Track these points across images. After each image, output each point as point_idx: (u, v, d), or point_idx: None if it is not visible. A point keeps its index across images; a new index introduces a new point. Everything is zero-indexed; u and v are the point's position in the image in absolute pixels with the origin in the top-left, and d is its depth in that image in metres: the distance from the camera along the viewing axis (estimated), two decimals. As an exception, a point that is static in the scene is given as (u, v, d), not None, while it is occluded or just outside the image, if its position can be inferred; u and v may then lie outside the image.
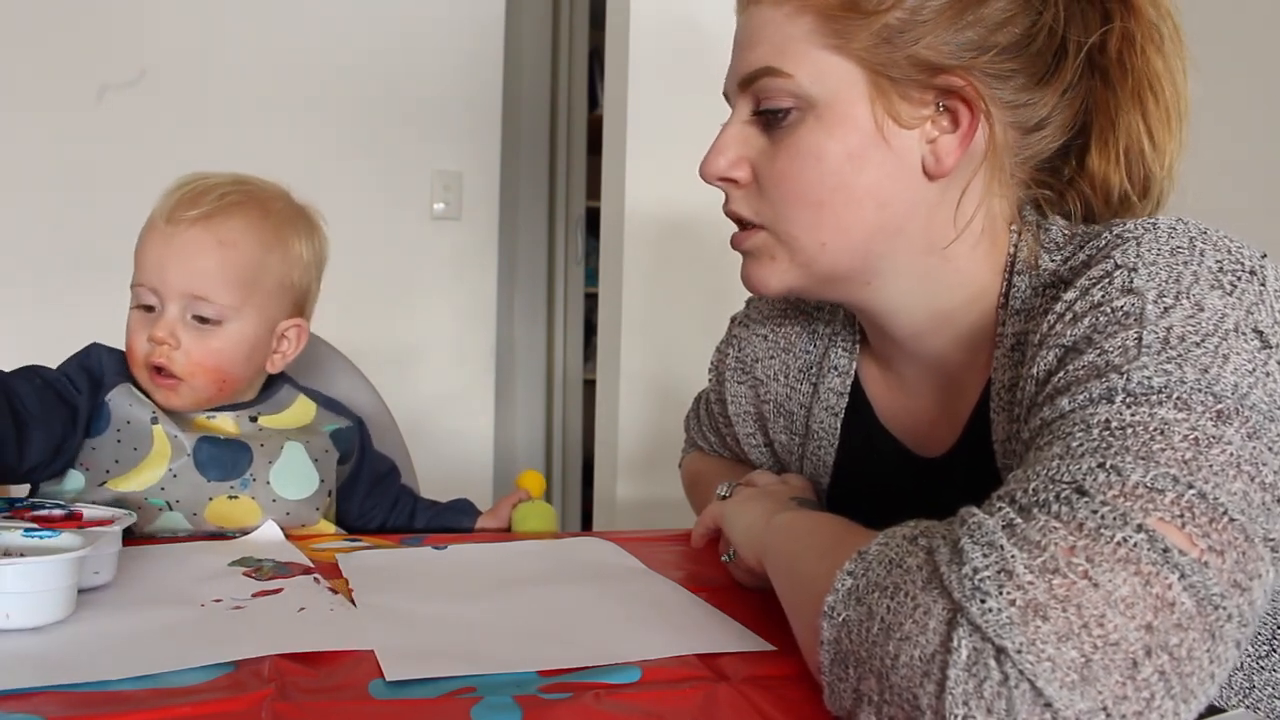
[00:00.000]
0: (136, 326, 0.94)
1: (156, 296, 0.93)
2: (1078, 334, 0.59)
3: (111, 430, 0.93)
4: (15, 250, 2.13)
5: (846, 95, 0.69)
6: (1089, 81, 0.72)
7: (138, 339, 0.93)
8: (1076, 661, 0.44)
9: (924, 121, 0.69)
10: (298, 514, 0.97)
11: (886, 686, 0.49)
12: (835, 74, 0.69)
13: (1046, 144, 0.72)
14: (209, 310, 0.93)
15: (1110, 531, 0.46)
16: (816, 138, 0.69)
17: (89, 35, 2.17)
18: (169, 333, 0.92)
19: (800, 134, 0.70)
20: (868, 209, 0.70)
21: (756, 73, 0.71)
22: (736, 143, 0.73)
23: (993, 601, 0.45)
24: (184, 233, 0.92)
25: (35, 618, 0.64)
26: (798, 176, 0.70)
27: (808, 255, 0.72)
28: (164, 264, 0.92)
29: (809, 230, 0.71)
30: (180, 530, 0.94)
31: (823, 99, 0.69)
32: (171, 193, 0.95)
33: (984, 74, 0.68)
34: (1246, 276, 0.57)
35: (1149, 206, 0.74)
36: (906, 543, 0.53)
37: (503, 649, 0.64)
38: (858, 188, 0.69)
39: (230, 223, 0.94)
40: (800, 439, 0.89)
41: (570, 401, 2.83)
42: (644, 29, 1.81)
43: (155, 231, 0.94)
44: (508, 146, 2.57)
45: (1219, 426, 0.51)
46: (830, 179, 0.69)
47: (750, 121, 0.73)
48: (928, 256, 0.72)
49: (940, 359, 0.77)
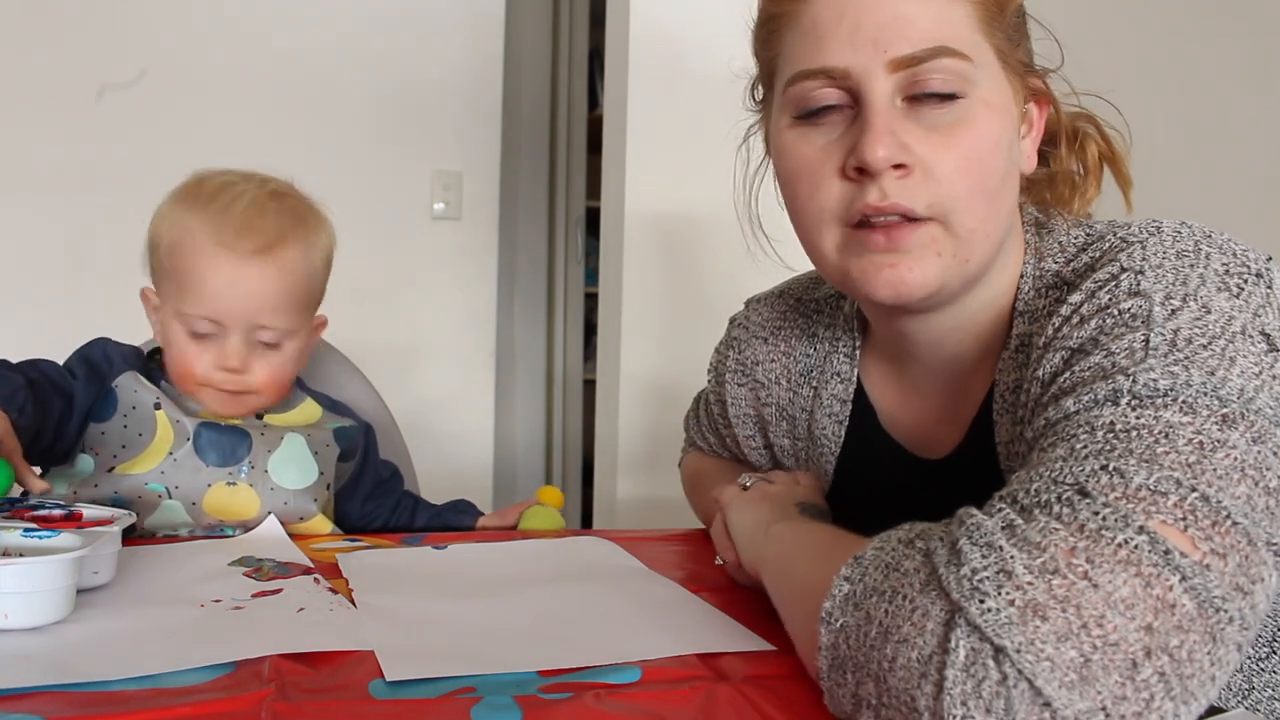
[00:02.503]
0: (193, 351, 0.93)
1: (216, 325, 0.93)
2: (1084, 336, 0.59)
3: (119, 416, 0.93)
4: (15, 250, 2.13)
5: (1002, 85, 0.68)
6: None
7: (199, 363, 0.93)
8: (1075, 661, 0.43)
9: (1023, 118, 0.72)
10: (296, 504, 0.98)
11: (884, 689, 0.49)
12: (989, 61, 0.68)
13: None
14: (270, 335, 0.95)
15: (1111, 533, 0.46)
16: (991, 125, 0.67)
17: (89, 35, 2.17)
18: (241, 361, 0.93)
19: (976, 120, 0.66)
20: (1014, 200, 0.71)
21: (930, 51, 0.65)
22: (896, 126, 0.66)
23: (991, 601, 0.45)
24: (247, 265, 0.92)
25: (34, 618, 0.64)
26: (982, 164, 0.66)
27: (975, 248, 0.67)
28: (229, 296, 0.92)
29: (984, 221, 0.67)
30: (179, 523, 0.94)
31: (987, 84, 0.67)
32: (219, 211, 0.92)
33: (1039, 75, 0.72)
34: (1252, 279, 0.57)
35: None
36: (903, 546, 0.53)
37: (503, 649, 0.64)
38: (1013, 177, 0.70)
39: (288, 252, 0.94)
40: (803, 443, 0.89)
41: (570, 401, 2.82)
42: (644, 29, 1.81)
43: (210, 258, 0.91)
44: (508, 146, 2.57)
45: (1224, 430, 0.51)
46: (1002, 167, 0.67)
47: (898, 104, 0.66)
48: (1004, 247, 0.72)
49: (951, 362, 0.76)
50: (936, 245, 0.67)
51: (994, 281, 0.73)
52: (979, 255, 0.68)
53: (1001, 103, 0.68)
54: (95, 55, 2.18)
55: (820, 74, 0.67)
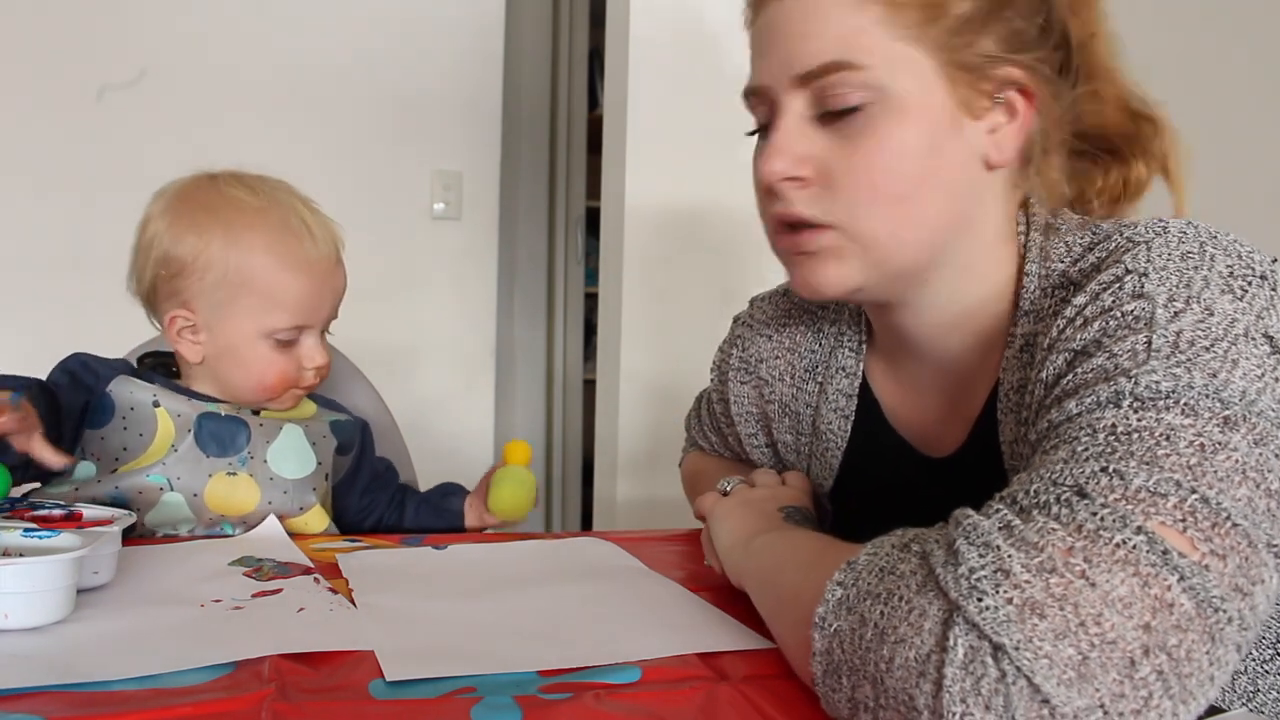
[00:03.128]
0: (280, 359, 0.97)
1: (300, 331, 0.98)
2: (1087, 338, 0.59)
3: (117, 419, 0.94)
4: (15, 250, 2.13)
5: (923, 85, 0.68)
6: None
7: (293, 368, 0.98)
8: (1074, 659, 0.44)
9: (987, 112, 0.70)
10: (295, 494, 0.98)
11: (882, 691, 0.49)
12: (913, 64, 0.67)
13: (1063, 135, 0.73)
14: (330, 325, 1.02)
15: (1109, 533, 0.46)
16: (896, 130, 0.67)
17: (89, 35, 2.17)
18: (327, 357, 1.00)
19: (878, 127, 0.67)
20: (943, 201, 0.70)
21: (824, 67, 0.67)
22: (797, 139, 0.70)
23: (989, 600, 0.45)
24: (332, 275, 0.99)
25: (34, 618, 0.64)
26: (881, 171, 0.68)
27: (884, 252, 0.70)
28: (320, 304, 0.98)
29: (888, 225, 0.69)
30: (180, 519, 0.94)
31: (898, 90, 0.67)
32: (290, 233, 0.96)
33: (1032, 65, 0.70)
34: (1257, 281, 0.57)
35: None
36: (897, 550, 0.53)
37: (502, 649, 0.64)
38: (938, 180, 0.69)
39: (341, 253, 1.01)
40: (807, 439, 0.89)
41: (570, 401, 2.82)
42: (644, 29, 1.81)
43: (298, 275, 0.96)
44: (508, 146, 2.57)
45: (1225, 433, 0.51)
46: (913, 172, 0.68)
47: (809, 117, 0.70)
48: (979, 247, 0.73)
49: (951, 358, 0.76)
50: (838, 250, 0.70)
51: (985, 279, 0.73)
52: (897, 259, 0.70)
53: (923, 105, 0.68)
54: (95, 55, 2.18)
55: (752, 93, 0.73)
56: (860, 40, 0.67)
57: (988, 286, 0.73)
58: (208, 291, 0.94)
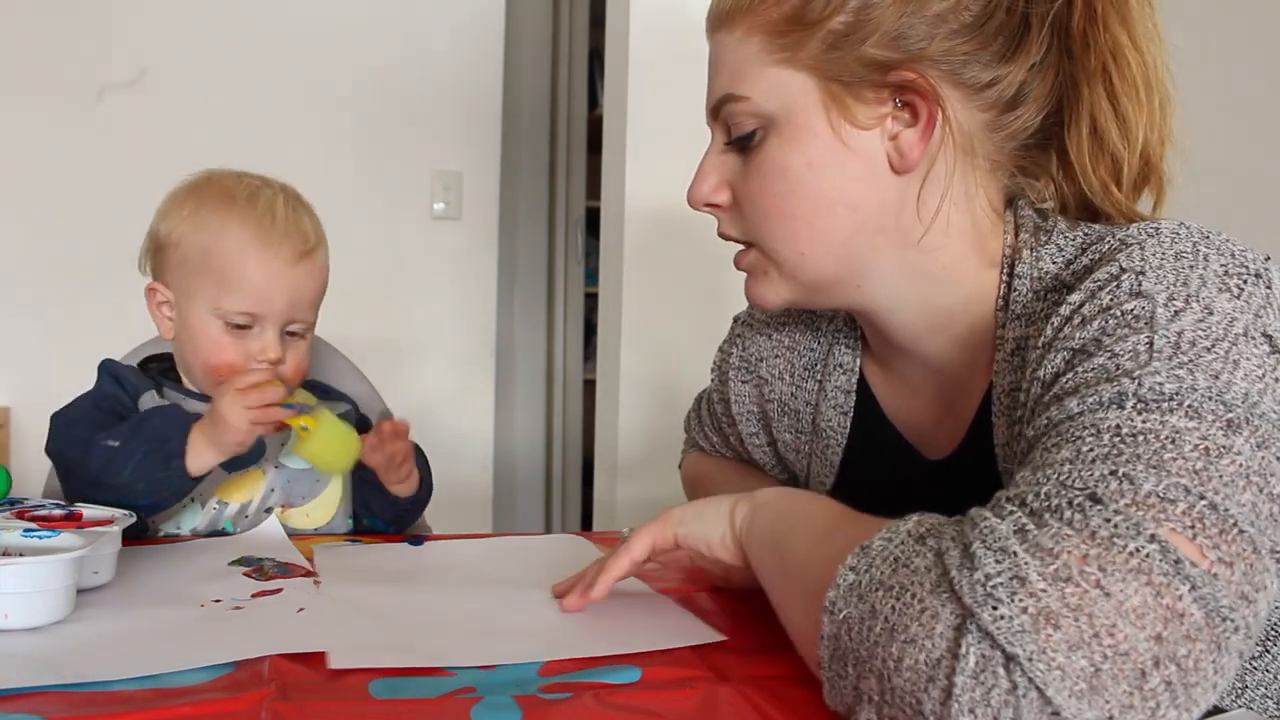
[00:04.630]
0: (232, 344, 0.96)
1: (254, 319, 0.96)
2: (1086, 337, 0.58)
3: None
4: (15, 249, 2.13)
5: (801, 106, 0.70)
6: (1059, 55, 0.70)
7: (240, 358, 0.96)
8: (1086, 671, 0.44)
9: (883, 119, 0.69)
10: (299, 484, 1.00)
11: (888, 688, 0.49)
12: (788, 87, 0.70)
13: (1026, 121, 0.71)
14: (298, 327, 0.99)
15: (1123, 541, 0.46)
16: (780, 152, 0.71)
17: (89, 35, 2.17)
18: (278, 353, 0.96)
19: (766, 151, 0.71)
20: (839, 213, 0.71)
21: (720, 101, 0.73)
22: (715, 168, 0.76)
23: (1005, 609, 0.45)
24: (294, 267, 0.97)
25: (34, 618, 0.64)
26: (767, 192, 0.72)
27: (792, 266, 0.74)
28: (275, 294, 0.96)
29: (786, 242, 0.73)
30: (185, 519, 0.95)
31: (780, 114, 0.70)
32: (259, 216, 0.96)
33: (940, 62, 0.68)
34: (1252, 280, 0.57)
35: (1136, 197, 0.72)
36: (913, 541, 0.52)
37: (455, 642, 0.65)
38: (823, 194, 0.70)
39: (319, 253, 1.00)
40: (807, 437, 0.89)
41: (570, 401, 2.82)
42: (644, 29, 1.81)
43: (258, 259, 0.95)
44: (508, 146, 2.57)
45: (1229, 436, 0.51)
46: (796, 189, 0.71)
47: (725, 146, 0.75)
48: (909, 251, 0.72)
49: (940, 361, 0.76)
50: (761, 267, 0.76)
51: (956, 282, 0.72)
52: (811, 273, 0.73)
53: (804, 126, 0.69)
54: (95, 55, 2.18)
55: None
56: (745, 71, 0.71)
57: (963, 289, 0.73)
58: (176, 267, 0.97)
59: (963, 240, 0.72)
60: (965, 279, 0.73)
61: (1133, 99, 0.69)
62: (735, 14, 0.72)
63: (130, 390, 0.96)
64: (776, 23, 0.69)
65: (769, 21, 0.69)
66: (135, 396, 0.96)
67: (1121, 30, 0.68)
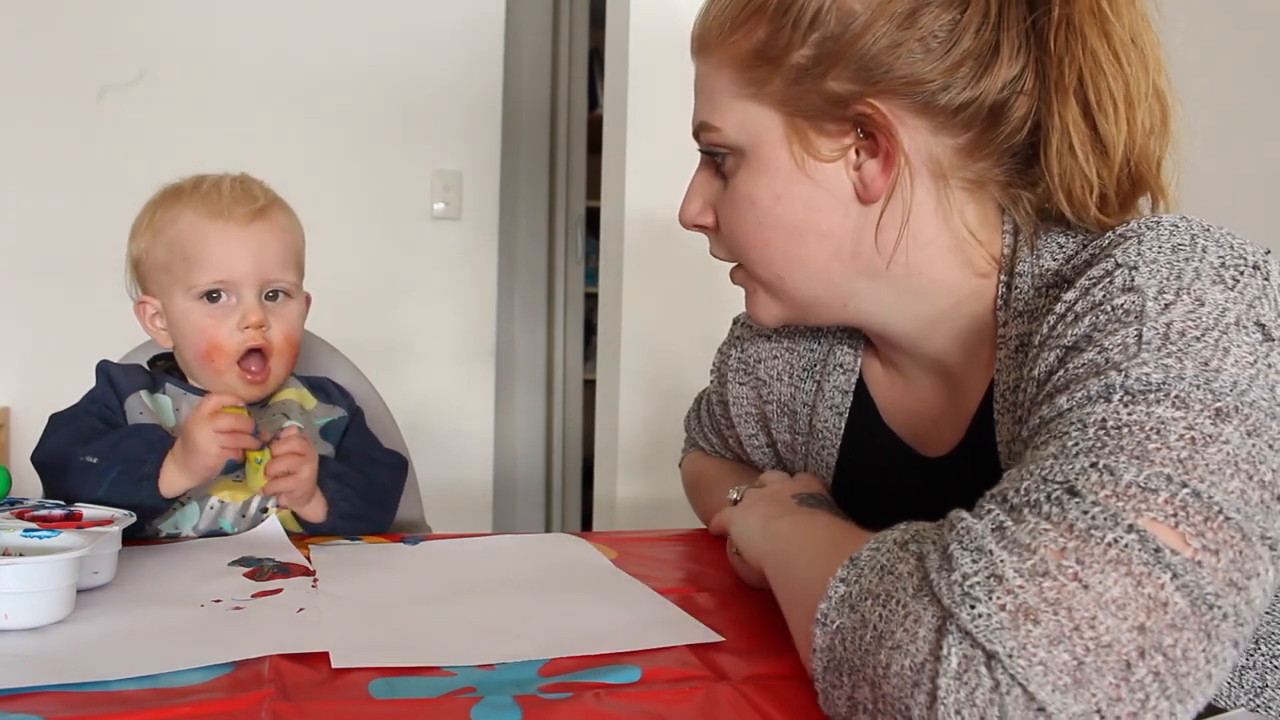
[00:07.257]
0: (212, 323, 0.97)
1: (230, 290, 0.97)
2: (1078, 333, 0.58)
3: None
4: (15, 249, 2.13)
5: (767, 140, 0.71)
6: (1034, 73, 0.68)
7: (223, 332, 0.97)
8: (1069, 664, 0.43)
9: (846, 151, 0.70)
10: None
11: (879, 695, 0.49)
12: (755, 121, 0.71)
13: (1012, 137, 0.69)
14: (278, 287, 1.00)
15: (1100, 532, 0.46)
16: (749, 183, 0.72)
17: (89, 35, 2.17)
18: (260, 316, 0.97)
19: (738, 181, 0.73)
20: (810, 242, 0.72)
21: (697, 128, 0.75)
22: (700, 190, 0.78)
23: (982, 607, 0.45)
24: (248, 228, 0.98)
25: (34, 618, 0.64)
26: (739, 221, 0.74)
27: (775, 288, 0.76)
28: (237, 256, 0.97)
29: (764, 267, 0.75)
30: (183, 519, 0.95)
31: (748, 147, 0.72)
32: (205, 195, 0.99)
33: (903, 93, 0.67)
34: (1249, 271, 0.57)
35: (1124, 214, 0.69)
36: (897, 548, 0.52)
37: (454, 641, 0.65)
38: (793, 225, 0.72)
39: (278, 214, 1.02)
40: (804, 438, 0.89)
41: (570, 401, 2.82)
42: (644, 29, 1.81)
43: (213, 230, 0.97)
44: (508, 146, 2.57)
45: (1217, 424, 0.50)
46: (765, 220, 0.72)
47: (709, 169, 0.77)
48: (890, 273, 0.72)
49: (940, 359, 0.77)
50: (751, 284, 0.78)
51: (946, 288, 0.72)
52: (796, 295, 0.75)
53: (770, 159, 0.71)
54: (95, 55, 2.18)
55: None
56: (718, 102, 0.73)
57: (955, 294, 0.73)
58: (152, 274, 1.00)
59: (948, 256, 0.72)
60: (955, 286, 0.72)
61: (1110, 117, 0.66)
62: (709, 43, 0.73)
63: (120, 391, 0.96)
64: (745, 56, 0.70)
65: (738, 55, 0.71)
66: (124, 398, 0.96)
67: (1101, 42, 0.65)
